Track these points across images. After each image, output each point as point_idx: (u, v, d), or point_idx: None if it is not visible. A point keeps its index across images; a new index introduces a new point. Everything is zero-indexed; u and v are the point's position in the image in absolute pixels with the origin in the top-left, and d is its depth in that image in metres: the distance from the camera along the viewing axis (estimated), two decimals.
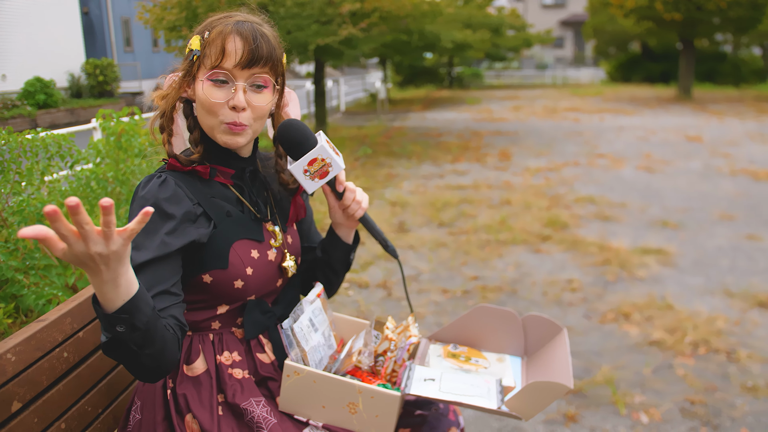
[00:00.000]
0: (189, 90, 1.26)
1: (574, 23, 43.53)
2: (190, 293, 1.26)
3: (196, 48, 1.21)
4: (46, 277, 2.61)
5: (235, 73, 1.19)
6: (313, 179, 1.28)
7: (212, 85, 1.20)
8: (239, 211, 1.29)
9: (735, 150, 9.65)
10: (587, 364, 3.11)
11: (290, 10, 9.06)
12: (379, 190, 7.14)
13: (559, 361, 1.28)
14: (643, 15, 18.75)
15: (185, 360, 1.29)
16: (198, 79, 1.22)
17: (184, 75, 1.24)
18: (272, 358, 1.35)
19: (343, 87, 19.13)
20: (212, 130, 1.24)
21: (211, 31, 1.21)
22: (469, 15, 20.76)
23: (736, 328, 3.51)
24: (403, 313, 3.74)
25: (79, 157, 3.22)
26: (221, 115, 1.21)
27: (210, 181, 1.27)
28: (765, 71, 25.81)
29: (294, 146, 1.28)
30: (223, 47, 1.18)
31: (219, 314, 1.29)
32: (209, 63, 1.20)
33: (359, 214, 1.41)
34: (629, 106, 16.93)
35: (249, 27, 1.20)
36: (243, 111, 1.21)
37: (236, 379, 1.29)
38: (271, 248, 1.32)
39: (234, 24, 1.20)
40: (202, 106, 1.22)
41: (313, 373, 1.23)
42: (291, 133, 1.29)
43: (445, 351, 1.45)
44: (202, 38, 1.21)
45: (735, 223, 5.62)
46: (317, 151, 1.27)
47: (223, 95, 1.20)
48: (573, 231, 5.41)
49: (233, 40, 1.18)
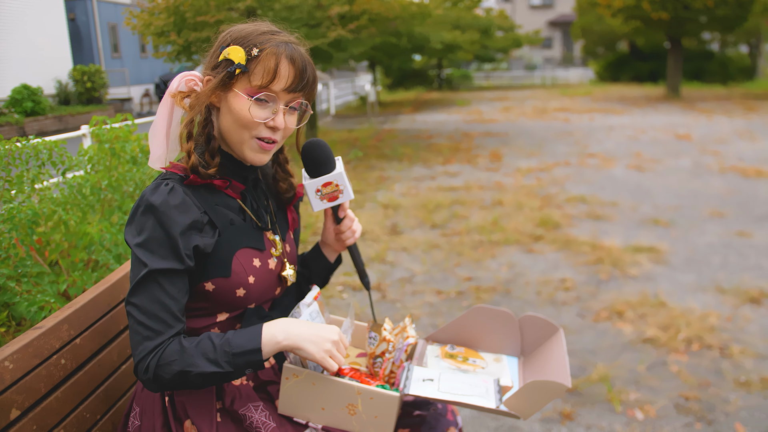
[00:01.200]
0: (214, 98, 1.25)
1: (562, 23, 43.74)
2: (191, 300, 1.26)
3: (241, 62, 1.19)
4: (39, 285, 2.59)
5: (281, 95, 1.21)
6: (322, 200, 1.34)
7: (256, 104, 1.20)
8: (242, 220, 1.29)
9: (724, 147, 9.73)
10: (582, 363, 3.12)
11: (279, 13, 9.05)
12: (371, 192, 7.15)
13: (556, 360, 1.29)
14: (630, 14, 18.88)
15: None
16: (235, 91, 1.21)
17: (218, 84, 1.22)
18: (272, 362, 1.36)
19: (333, 90, 19.13)
20: (241, 144, 1.24)
21: (261, 49, 1.19)
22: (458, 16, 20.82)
23: (729, 324, 3.53)
24: (397, 315, 3.74)
25: (71, 164, 3.20)
26: (256, 131, 1.22)
27: (215, 190, 1.28)
28: (752, 69, 26.03)
29: (315, 165, 1.33)
30: (276, 70, 1.19)
31: (219, 321, 1.29)
32: (257, 81, 1.19)
33: (350, 242, 1.47)
34: (618, 106, 17.02)
35: (298, 52, 1.22)
36: (278, 130, 1.24)
37: (234, 386, 1.29)
38: (272, 257, 1.33)
39: (284, 46, 1.21)
40: (237, 120, 1.21)
41: (312, 375, 1.24)
42: (317, 152, 1.34)
43: (443, 351, 1.46)
44: (248, 54, 1.19)
45: (725, 220, 5.67)
46: (334, 176, 1.33)
47: (265, 114, 1.21)
48: (565, 230, 5.44)
49: (285, 64, 1.20)
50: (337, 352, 1.21)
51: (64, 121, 15.38)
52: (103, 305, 1.56)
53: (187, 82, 1.26)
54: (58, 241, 2.87)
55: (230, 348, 1.15)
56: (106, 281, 1.60)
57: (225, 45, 1.22)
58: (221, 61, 1.21)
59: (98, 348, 1.49)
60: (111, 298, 1.60)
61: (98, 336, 1.50)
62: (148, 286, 1.15)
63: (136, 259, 1.16)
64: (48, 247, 2.84)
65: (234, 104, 1.21)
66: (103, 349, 1.51)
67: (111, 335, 1.56)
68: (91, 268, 3.01)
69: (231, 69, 1.20)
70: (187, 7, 8.86)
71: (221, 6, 9.06)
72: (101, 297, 1.56)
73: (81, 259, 2.90)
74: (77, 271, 2.84)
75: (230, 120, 1.23)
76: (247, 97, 1.20)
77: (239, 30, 1.24)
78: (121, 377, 1.56)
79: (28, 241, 2.68)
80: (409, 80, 27.51)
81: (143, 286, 1.15)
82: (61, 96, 17.51)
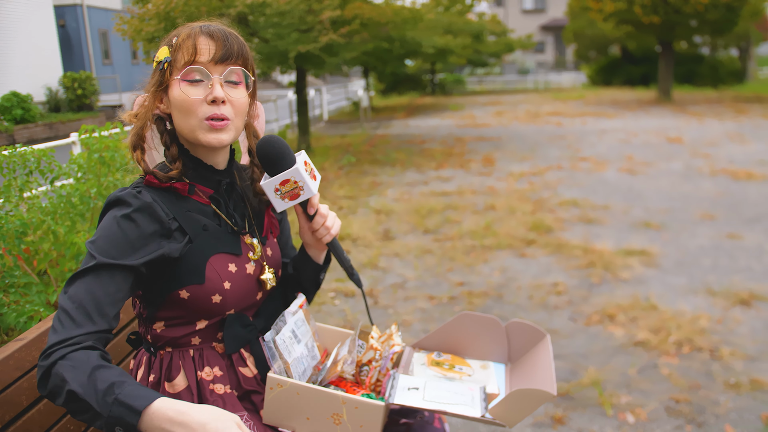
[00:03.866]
0: (162, 105, 1.26)
1: (555, 28, 43.93)
2: (167, 309, 1.25)
3: (166, 56, 1.21)
4: (27, 295, 2.58)
5: (210, 67, 1.20)
6: (283, 199, 1.28)
7: (188, 84, 1.20)
8: (216, 225, 1.27)
9: (714, 150, 9.78)
10: (574, 366, 3.12)
11: (270, 19, 9.06)
12: (364, 198, 7.14)
13: (542, 367, 1.29)
14: (622, 19, 18.99)
15: (166, 377, 1.27)
16: (172, 83, 1.22)
17: (155, 88, 1.23)
18: (255, 372, 1.34)
19: (325, 96, 19.14)
20: (193, 131, 1.22)
21: (178, 36, 1.22)
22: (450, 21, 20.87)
23: (719, 326, 3.54)
24: (389, 320, 3.73)
25: (59, 173, 3.18)
26: (201, 113, 1.20)
27: (186, 196, 1.27)
28: (742, 72, 26.21)
29: (270, 163, 1.27)
30: (195, 45, 1.20)
31: (198, 329, 1.28)
32: (182, 62, 1.20)
33: (327, 240, 1.39)
34: (610, 109, 17.10)
35: (216, 26, 1.23)
36: (223, 104, 1.21)
37: (218, 395, 1.27)
38: (250, 261, 1.31)
39: (200, 26, 1.23)
40: (180, 108, 1.21)
41: (296, 384, 1.23)
42: (268, 150, 1.27)
43: (429, 359, 1.45)
44: (170, 46, 1.22)
45: (716, 223, 5.69)
46: (291, 173, 1.26)
47: (201, 92, 1.20)
48: (557, 234, 5.45)
49: (203, 38, 1.21)
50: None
51: (54, 128, 15.31)
52: None
53: (138, 101, 1.28)
54: (47, 251, 2.86)
55: (120, 391, 1.01)
56: None
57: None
58: (155, 67, 1.24)
59: None
60: None
61: None
62: (86, 278, 1.11)
63: (87, 255, 1.13)
64: (36, 256, 2.83)
65: (174, 96, 1.22)
66: None
67: None
68: None
69: (161, 66, 1.21)
70: (178, 13, 8.85)
71: (212, 12, 9.05)
72: None
73: (69, 269, 2.88)
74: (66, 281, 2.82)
75: (177, 114, 1.23)
76: (185, 82, 1.20)
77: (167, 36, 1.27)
78: None
79: (16, 251, 2.67)
80: (402, 85, 27.54)
81: (81, 278, 1.11)
82: (52, 103, 17.44)
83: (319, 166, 9.31)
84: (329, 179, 8.32)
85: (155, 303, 1.25)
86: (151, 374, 1.28)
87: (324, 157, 10.25)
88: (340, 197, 7.17)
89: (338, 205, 6.78)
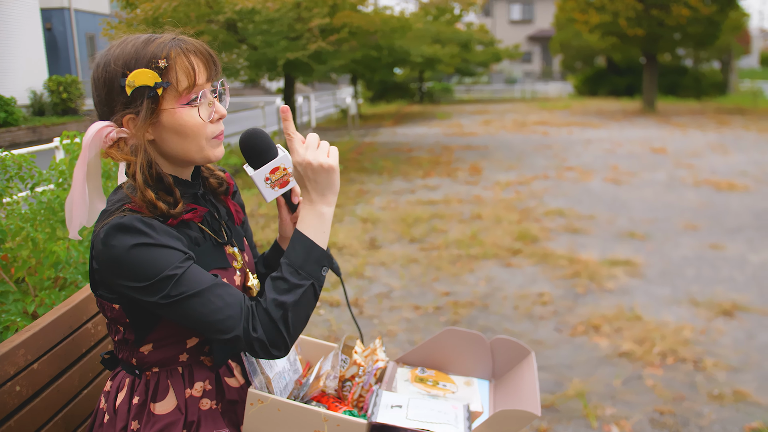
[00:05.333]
0: (148, 132, 1.17)
1: (542, 38, 44.29)
2: (159, 330, 1.21)
3: (157, 80, 1.12)
4: (4, 304, 2.53)
5: (205, 87, 1.18)
6: (273, 188, 1.28)
7: (189, 108, 1.16)
8: (203, 238, 1.24)
9: (698, 161, 9.88)
10: (559, 378, 3.12)
11: (259, 26, 9.04)
12: (351, 206, 7.12)
13: (526, 385, 1.28)
14: (607, 31, 19.20)
15: (152, 398, 1.23)
16: (168, 110, 1.15)
17: (147, 115, 1.13)
18: (242, 382, 1.32)
19: (313, 103, 19.11)
20: (201, 152, 1.19)
21: (166, 56, 1.13)
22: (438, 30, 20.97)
23: (702, 337, 3.56)
24: (374, 331, 3.71)
25: (40, 179, 3.13)
26: (209, 133, 1.19)
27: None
28: (724, 84, 26.56)
29: (257, 154, 1.28)
30: (192, 66, 1.15)
31: (188, 347, 1.24)
32: (184, 86, 1.14)
33: None
34: (596, 119, 17.24)
35: (191, 41, 1.19)
36: (222, 118, 1.22)
37: (203, 411, 1.25)
38: (236, 272, 1.29)
39: (178, 42, 1.16)
40: (190, 132, 1.16)
41: (277, 401, 1.21)
42: (256, 141, 1.27)
43: (413, 375, 1.43)
44: (157, 69, 1.12)
45: (699, 233, 5.74)
46: (281, 160, 1.27)
47: (207, 112, 1.18)
48: (543, 244, 5.46)
49: (193, 57, 1.16)
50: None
51: (38, 132, 15.14)
52: (65, 327, 1.51)
53: (107, 135, 1.16)
54: (25, 258, 2.80)
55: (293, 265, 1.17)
56: (67, 303, 1.55)
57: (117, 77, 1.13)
58: (132, 94, 1.13)
59: (57, 373, 1.44)
60: (73, 319, 1.55)
61: (58, 360, 1.45)
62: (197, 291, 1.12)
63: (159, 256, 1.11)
64: (14, 263, 2.77)
65: (176, 121, 1.15)
66: (63, 374, 1.46)
67: (72, 359, 1.51)
68: (59, 286, 2.94)
69: (152, 93, 1.12)
70: (167, 18, 8.81)
71: (201, 18, 9.03)
72: (62, 319, 1.51)
73: (48, 277, 2.83)
74: (45, 290, 2.77)
75: (177, 139, 1.17)
76: (188, 107, 1.16)
77: (116, 58, 1.14)
78: (81, 402, 1.51)
79: None
80: (391, 93, 27.59)
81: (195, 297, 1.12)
82: (36, 107, 17.25)
83: None
84: None
85: (147, 326, 1.20)
86: (135, 396, 1.23)
87: None
88: None
89: None
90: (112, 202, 1.18)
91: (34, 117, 16.82)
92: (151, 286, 1.09)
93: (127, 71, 1.12)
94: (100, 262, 1.13)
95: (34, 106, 17.27)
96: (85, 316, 1.60)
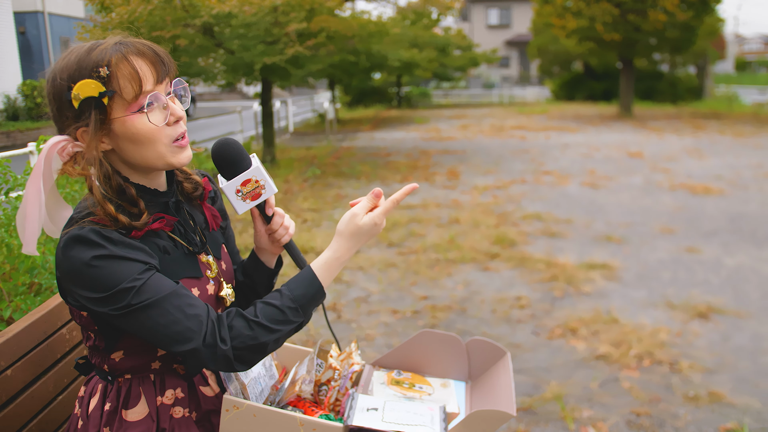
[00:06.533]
0: (104, 143, 1.14)
1: (519, 43, 44.71)
2: (129, 338, 1.19)
3: (101, 90, 1.08)
4: None
5: (157, 89, 1.13)
6: (244, 200, 1.26)
7: (141, 114, 1.11)
8: (174, 247, 1.22)
9: (674, 165, 10.03)
10: (536, 381, 3.14)
11: (236, 30, 8.99)
12: (328, 211, 7.11)
13: (502, 386, 1.28)
14: (584, 36, 19.42)
15: (124, 405, 1.21)
16: (119, 119, 1.10)
17: (97, 126, 1.10)
18: (217, 390, 1.30)
19: (291, 108, 19.07)
20: (161, 159, 1.14)
21: (107, 64, 1.08)
22: (416, 35, 21.04)
23: (678, 339, 3.61)
24: (352, 335, 3.70)
25: (15, 184, 3.08)
26: (166, 137, 1.13)
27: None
28: (700, 89, 27.02)
29: (229, 165, 1.25)
30: (136, 70, 1.09)
31: (159, 356, 1.22)
32: (130, 94, 1.09)
33: (285, 240, 1.37)
34: (573, 124, 17.42)
35: (136, 42, 1.13)
36: (181, 120, 1.16)
37: (175, 420, 1.23)
38: (209, 281, 1.26)
39: (120, 47, 1.10)
40: (141, 139, 1.11)
41: (252, 406, 1.20)
42: (227, 151, 1.24)
43: (389, 378, 1.43)
44: (99, 78, 1.08)
45: (675, 237, 5.82)
46: (252, 172, 1.25)
47: (161, 117, 1.12)
48: (521, 248, 5.49)
49: (138, 60, 1.10)
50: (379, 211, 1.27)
51: (12, 137, 14.89)
52: (39, 333, 1.49)
53: (62, 150, 1.13)
54: (0, 263, 2.76)
55: (296, 302, 1.18)
56: (41, 308, 1.53)
57: (63, 91, 1.10)
58: (80, 106, 1.09)
59: (32, 379, 1.42)
60: (47, 325, 1.53)
61: (32, 366, 1.43)
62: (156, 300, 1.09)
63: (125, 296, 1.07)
64: None
65: (128, 130, 1.11)
66: (36, 380, 1.44)
67: (47, 365, 1.49)
68: (34, 291, 2.89)
69: (97, 103, 1.08)
70: (142, 22, 8.73)
71: (177, 22, 8.95)
72: (37, 325, 1.49)
73: (23, 283, 2.78)
74: (20, 295, 2.72)
75: (134, 147, 1.13)
76: (137, 113, 1.10)
77: (61, 71, 1.11)
78: (57, 408, 1.48)
79: None
80: (369, 98, 27.62)
81: (154, 308, 1.09)
82: (9, 111, 16.97)
83: (283, 178, 9.24)
84: (294, 192, 8.26)
85: (115, 334, 1.18)
86: (107, 403, 1.22)
87: (289, 169, 10.18)
88: (304, 210, 7.12)
89: (302, 217, 6.73)
90: (79, 209, 1.15)
91: (8, 122, 16.55)
92: (108, 298, 1.07)
93: (72, 84, 1.08)
94: (61, 272, 1.11)
95: (8, 110, 16.98)
96: (59, 321, 1.58)
